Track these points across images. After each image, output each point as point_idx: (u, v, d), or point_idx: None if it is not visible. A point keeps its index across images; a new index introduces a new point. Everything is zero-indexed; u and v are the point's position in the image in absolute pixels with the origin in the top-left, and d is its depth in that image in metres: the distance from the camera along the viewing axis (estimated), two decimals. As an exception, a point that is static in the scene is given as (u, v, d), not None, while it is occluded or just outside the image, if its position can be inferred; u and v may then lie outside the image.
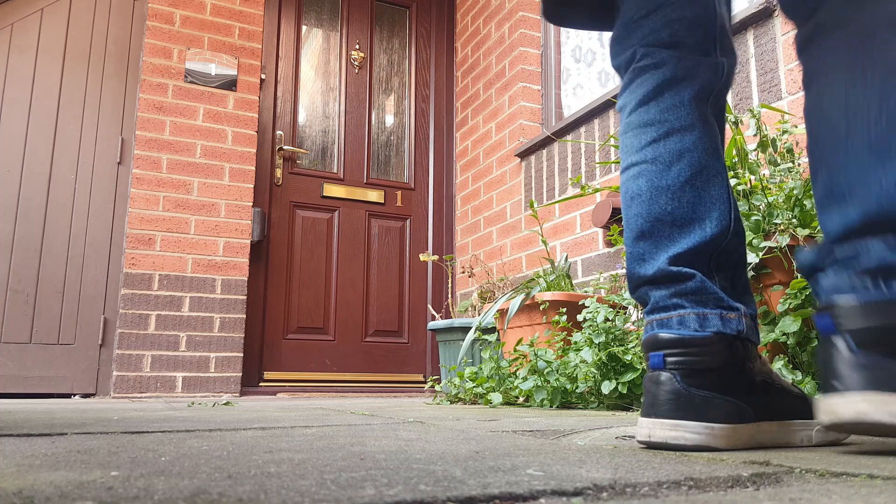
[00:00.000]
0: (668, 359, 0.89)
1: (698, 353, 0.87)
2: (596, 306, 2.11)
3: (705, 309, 0.90)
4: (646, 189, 0.95)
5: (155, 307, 3.27)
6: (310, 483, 0.58)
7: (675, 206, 0.92)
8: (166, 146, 3.42)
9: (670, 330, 0.90)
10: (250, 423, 1.34)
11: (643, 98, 0.99)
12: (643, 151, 0.97)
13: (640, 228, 0.95)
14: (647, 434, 0.88)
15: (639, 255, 0.96)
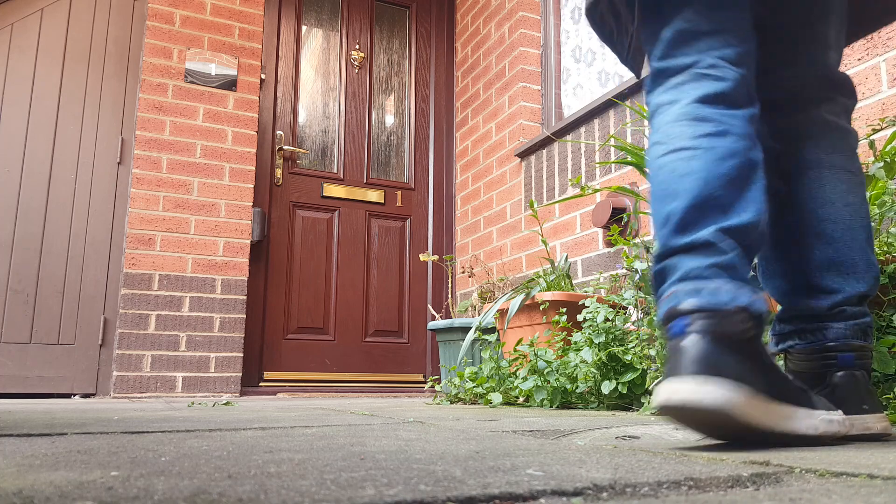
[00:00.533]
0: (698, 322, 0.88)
1: (729, 324, 0.87)
2: (596, 306, 2.11)
3: (739, 283, 0.91)
4: (701, 169, 0.97)
5: (155, 307, 3.27)
6: (310, 483, 0.58)
7: (725, 192, 0.95)
8: (166, 146, 3.42)
9: (701, 297, 0.89)
10: (250, 423, 1.34)
11: (703, 98, 1.02)
12: (699, 140, 0.99)
13: (691, 202, 0.96)
14: (667, 397, 0.84)
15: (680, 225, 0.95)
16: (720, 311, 0.88)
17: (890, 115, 1.79)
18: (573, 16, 3.44)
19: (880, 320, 1.41)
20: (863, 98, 1.87)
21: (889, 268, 1.41)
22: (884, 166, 1.51)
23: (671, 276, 0.95)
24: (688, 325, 0.88)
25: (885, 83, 1.82)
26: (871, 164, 1.55)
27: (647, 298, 1.85)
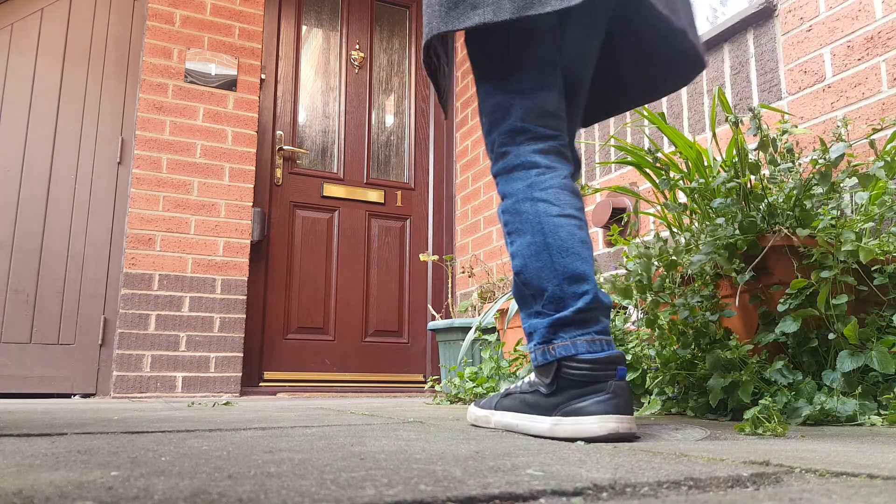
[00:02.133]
0: (622, 371, 1.13)
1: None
2: (596, 306, 2.10)
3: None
4: (587, 239, 1.22)
5: (155, 307, 3.27)
6: (310, 483, 0.57)
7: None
8: (166, 146, 3.42)
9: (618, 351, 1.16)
10: (250, 423, 1.34)
11: (570, 175, 1.27)
12: (581, 213, 1.24)
13: (592, 269, 1.21)
14: (615, 428, 1.07)
15: (592, 283, 1.19)
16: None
17: (890, 115, 1.79)
18: (573, 16, 3.44)
19: (880, 320, 1.41)
20: (863, 98, 1.88)
21: (889, 268, 1.41)
22: (884, 166, 1.51)
23: (594, 325, 1.16)
24: (622, 372, 1.13)
25: (885, 83, 1.82)
26: (871, 163, 1.55)
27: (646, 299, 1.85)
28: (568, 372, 1.13)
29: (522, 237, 1.22)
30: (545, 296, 1.18)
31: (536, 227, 1.20)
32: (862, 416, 1.28)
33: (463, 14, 1.19)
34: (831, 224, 1.42)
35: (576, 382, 1.12)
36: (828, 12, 2.00)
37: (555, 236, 1.18)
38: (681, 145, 1.86)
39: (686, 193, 1.80)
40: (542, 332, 1.18)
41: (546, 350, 1.17)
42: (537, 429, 1.14)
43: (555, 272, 1.18)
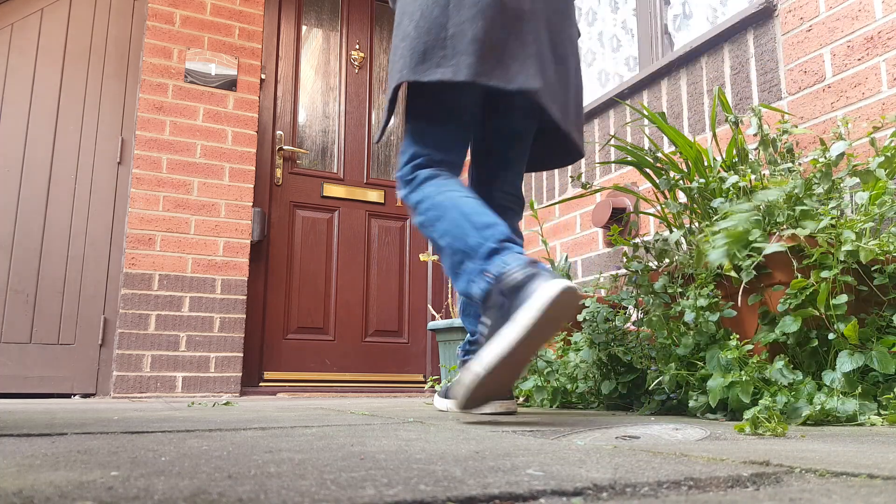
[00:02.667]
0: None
1: None
2: (596, 306, 2.11)
3: None
4: (487, 209, 1.54)
5: (155, 307, 3.27)
6: (310, 483, 0.57)
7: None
8: (166, 146, 3.42)
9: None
10: (250, 423, 1.34)
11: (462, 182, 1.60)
12: (479, 199, 1.54)
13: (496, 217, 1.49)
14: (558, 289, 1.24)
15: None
16: None
17: (890, 114, 1.79)
18: (573, 16, 3.44)
19: (880, 320, 1.41)
20: (863, 98, 1.88)
21: (889, 268, 1.41)
22: (883, 163, 1.51)
23: (507, 250, 1.35)
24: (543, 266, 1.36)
25: (885, 83, 1.82)
26: (871, 162, 1.55)
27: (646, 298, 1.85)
28: (507, 282, 1.29)
29: (444, 220, 1.44)
30: (464, 250, 1.39)
31: (453, 207, 1.45)
32: (862, 416, 1.28)
33: (429, 69, 1.46)
34: (831, 224, 1.42)
35: (515, 287, 1.27)
36: (828, 12, 2.00)
37: (467, 207, 1.44)
38: (681, 145, 1.86)
39: (686, 193, 1.80)
40: (476, 268, 1.37)
41: (484, 276, 1.36)
42: (506, 340, 1.24)
43: (474, 226, 1.40)
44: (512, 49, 1.49)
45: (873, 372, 1.35)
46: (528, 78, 1.48)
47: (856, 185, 1.69)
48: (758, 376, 1.41)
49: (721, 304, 1.60)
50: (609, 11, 3.16)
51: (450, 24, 1.47)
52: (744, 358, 1.46)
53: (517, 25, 1.50)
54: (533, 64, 1.50)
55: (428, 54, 1.47)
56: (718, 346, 1.53)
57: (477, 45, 1.45)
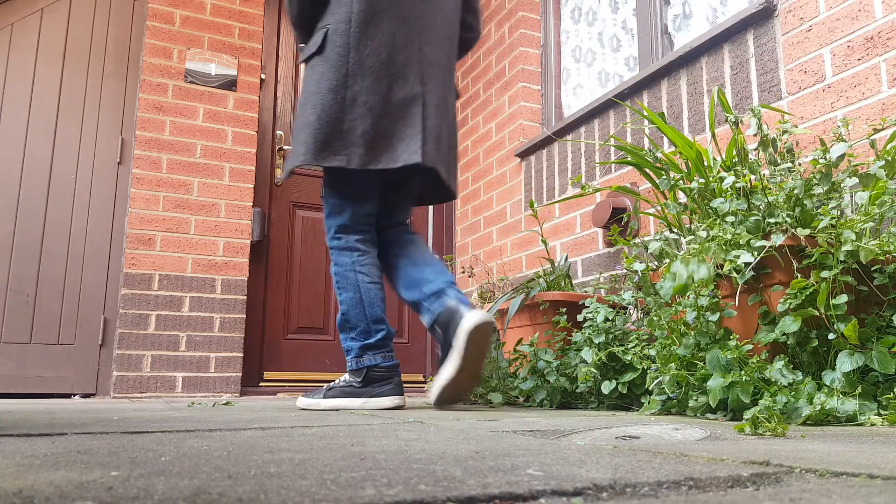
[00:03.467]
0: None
1: None
2: (596, 306, 2.11)
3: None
4: (384, 296, 2.08)
5: (155, 307, 3.27)
6: (310, 483, 0.58)
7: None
8: (166, 146, 3.42)
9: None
10: (250, 423, 1.34)
11: (376, 254, 2.14)
12: (381, 279, 2.12)
13: (385, 313, 2.05)
14: (398, 402, 1.99)
15: (388, 325, 2.04)
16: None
17: (890, 115, 1.79)
18: (573, 16, 3.44)
19: (880, 320, 1.41)
20: (863, 98, 1.88)
21: (889, 268, 1.41)
22: (884, 165, 1.51)
23: (386, 348, 2.00)
24: (399, 373, 2.05)
25: (885, 83, 1.82)
26: (871, 163, 1.55)
27: (646, 299, 1.85)
28: (373, 373, 1.97)
29: (347, 293, 1.99)
30: (358, 329, 1.98)
31: (356, 288, 1.98)
32: (862, 416, 1.28)
33: (328, 157, 1.88)
34: (831, 224, 1.42)
35: (376, 379, 1.97)
36: (828, 12, 2.00)
37: (367, 295, 1.98)
38: (681, 145, 1.86)
39: (686, 193, 1.80)
40: (356, 350, 1.98)
41: (359, 361, 1.98)
42: (354, 404, 1.95)
43: (365, 316, 1.97)
44: (400, 131, 1.91)
45: (873, 372, 1.35)
46: (412, 154, 1.89)
47: (856, 186, 1.69)
48: (758, 376, 1.41)
49: (721, 304, 1.60)
50: (609, 11, 3.16)
51: (345, 120, 1.88)
52: (744, 358, 1.46)
53: (405, 110, 1.92)
54: (418, 140, 1.90)
55: (328, 144, 1.87)
56: (718, 346, 1.53)
57: (366, 138, 1.88)
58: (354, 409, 1.92)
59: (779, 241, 1.45)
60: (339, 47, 1.92)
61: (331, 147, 1.88)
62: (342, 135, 1.87)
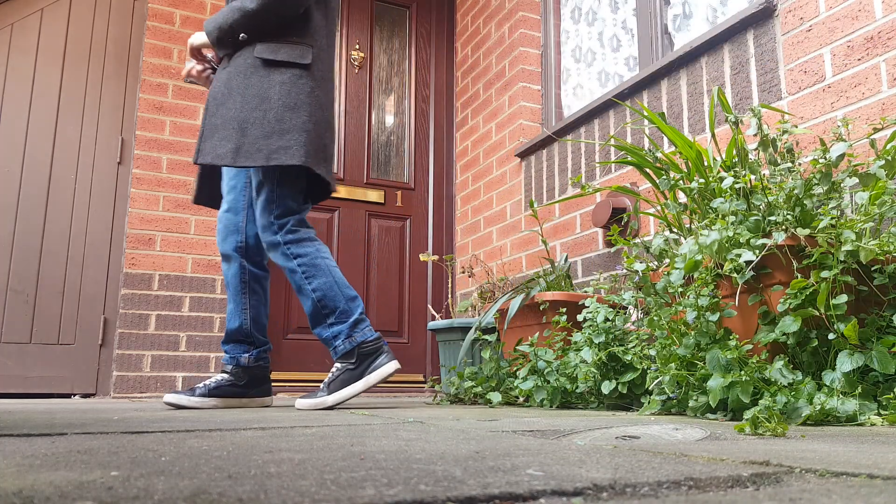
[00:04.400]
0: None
1: None
2: (596, 306, 2.11)
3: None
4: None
5: (155, 307, 3.27)
6: (310, 483, 0.58)
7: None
8: (166, 146, 3.42)
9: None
10: (250, 423, 1.34)
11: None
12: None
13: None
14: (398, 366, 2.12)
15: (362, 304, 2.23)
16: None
17: (890, 115, 1.79)
18: (573, 16, 3.44)
19: (880, 320, 1.41)
20: (863, 98, 1.88)
21: (889, 268, 1.41)
22: (884, 165, 1.51)
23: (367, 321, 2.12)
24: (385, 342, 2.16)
25: (885, 83, 1.82)
26: (871, 163, 1.55)
27: (646, 299, 1.85)
28: (363, 349, 2.07)
29: (319, 279, 2.08)
30: (338, 311, 2.08)
31: (327, 273, 2.09)
32: (862, 416, 1.28)
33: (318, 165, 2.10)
34: (831, 224, 1.42)
35: (368, 353, 2.08)
36: (828, 12, 2.00)
37: (338, 277, 2.11)
38: (681, 145, 1.86)
39: (686, 193, 1.80)
40: (346, 331, 2.08)
41: (351, 340, 2.07)
42: (358, 388, 2.05)
43: (342, 297, 2.09)
44: (331, 156, 2.23)
45: (873, 372, 1.35)
46: (335, 179, 2.26)
47: (856, 186, 1.69)
48: (758, 376, 1.41)
49: (721, 304, 1.60)
50: (609, 11, 3.16)
51: (325, 138, 2.15)
52: (744, 358, 1.46)
53: (334, 143, 2.26)
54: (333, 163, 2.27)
55: (318, 155, 2.10)
56: (718, 346, 1.53)
57: (332, 160, 2.21)
58: (360, 392, 2.05)
59: (780, 240, 1.45)
60: (324, 72, 2.17)
61: (320, 158, 2.12)
62: (323, 149, 2.14)
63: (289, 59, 2.11)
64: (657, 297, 1.78)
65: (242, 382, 2.19)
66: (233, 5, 2.10)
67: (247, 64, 2.10)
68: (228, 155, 2.02)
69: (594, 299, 2.16)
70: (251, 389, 2.22)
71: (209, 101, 2.12)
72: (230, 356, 2.23)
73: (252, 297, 2.25)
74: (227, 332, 2.25)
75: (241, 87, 2.08)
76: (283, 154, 2.03)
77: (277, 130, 2.05)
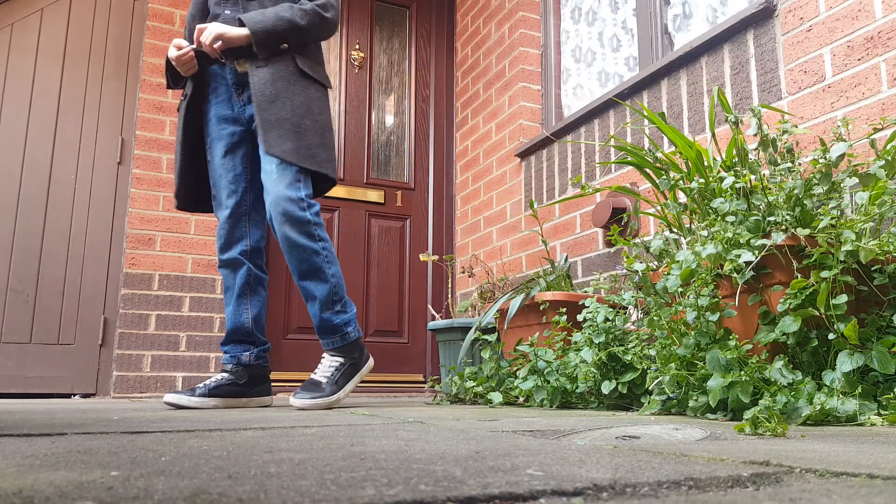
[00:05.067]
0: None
1: None
2: (596, 306, 2.11)
3: None
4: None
5: (155, 307, 3.27)
6: (310, 483, 0.58)
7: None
8: (166, 146, 3.42)
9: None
10: (250, 423, 1.34)
11: None
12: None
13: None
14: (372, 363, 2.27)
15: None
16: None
17: (890, 115, 1.79)
18: (573, 16, 3.44)
19: (880, 320, 1.41)
20: (863, 98, 1.88)
21: (889, 268, 1.41)
22: (884, 165, 1.51)
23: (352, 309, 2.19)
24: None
25: (885, 83, 1.82)
26: (871, 163, 1.55)
27: (646, 299, 1.85)
28: (362, 343, 2.21)
29: (336, 266, 2.15)
30: (344, 301, 2.16)
31: (336, 260, 2.17)
32: (862, 416, 1.28)
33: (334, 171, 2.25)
34: (831, 224, 1.42)
35: (360, 347, 2.20)
36: (828, 12, 2.00)
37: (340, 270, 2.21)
38: (681, 145, 1.86)
39: (686, 193, 1.80)
40: (353, 321, 2.17)
41: (357, 329, 2.18)
42: (356, 380, 2.16)
43: (344, 286, 2.18)
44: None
45: (873, 372, 1.35)
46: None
47: (856, 186, 1.69)
48: (758, 376, 1.41)
49: (721, 304, 1.60)
50: (609, 11, 3.16)
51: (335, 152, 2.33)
52: (744, 358, 1.46)
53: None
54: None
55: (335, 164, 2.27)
56: (718, 346, 1.53)
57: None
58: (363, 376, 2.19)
59: (779, 240, 1.45)
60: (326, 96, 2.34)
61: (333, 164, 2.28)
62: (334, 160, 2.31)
63: (319, 79, 2.26)
64: (657, 297, 1.78)
65: (243, 381, 2.20)
66: (281, 15, 2.16)
67: (289, 71, 2.18)
68: (292, 152, 2.10)
69: (594, 299, 2.16)
70: (251, 388, 2.23)
71: (257, 96, 2.13)
72: (230, 355, 2.24)
73: (253, 298, 2.26)
74: (228, 333, 2.25)
75: (286, 91, 2.15)
76: (329, 167, 2.20)
77: (321, 143, 2.19)
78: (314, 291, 2.11)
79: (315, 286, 2.11)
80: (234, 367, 2.21)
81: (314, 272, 2.10)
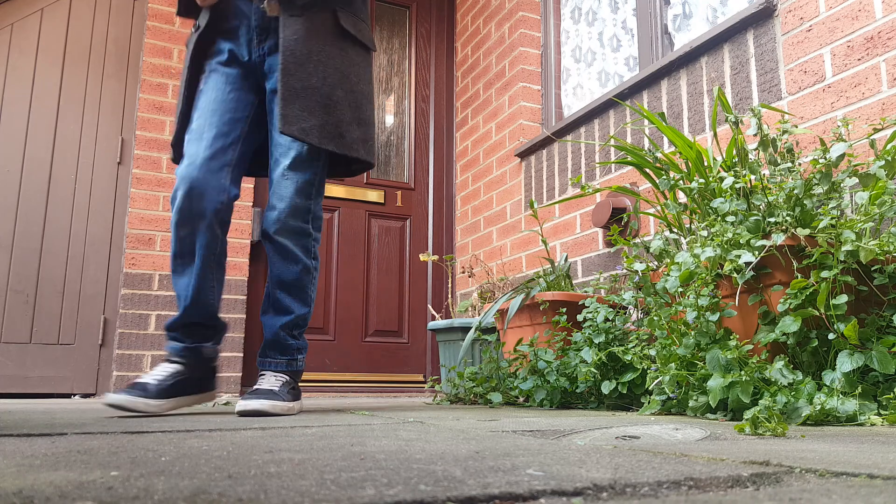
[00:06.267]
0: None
1: None
2: (596, 306, 2.11)
3: None
4: None
5: (155, 307, 3.27)
6: (310, 483, 0.58)
7: None
8: (166, 146, 3.42)
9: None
10: (250, 423, 1.34)
11: None
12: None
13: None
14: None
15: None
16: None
17: (890, 115, 1.79)
18: (573, 16, 3.44)
19: (880, 320, 1.41)
20: (863, 98, 1.88)
21: (889, 268, 1.41)
22: (884, 165, 1.51)
23: (306, 343, 1.98)
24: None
25: (885, 83, 1.82)
26: (871, 163, 1.55)
27: (646, 299, 1.85)
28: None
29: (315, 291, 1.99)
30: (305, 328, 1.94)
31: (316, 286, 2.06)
32: (862, 416, 1.28)
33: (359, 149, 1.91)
34: (831, 224, 1.42)
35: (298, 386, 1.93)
36: (828, 12, 2.00)
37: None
38: (681, 145, 1.86)
39: (686, 193, 1.80)
40: (305, 351, 1.95)
41: (304, 363, 1.94)
42: (300, 406, 1.85)
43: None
44: None
45: (873, 372, 1.35)
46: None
47: (856, 186, 1.69)
48: (758, 376, 1.41)
49: (721, 304, 1.60)
50: (609, 11, 3.16)
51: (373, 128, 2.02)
52: (744, 358, 1.46)
53: None
54: None
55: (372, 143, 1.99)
56: (718, 346, 1.53)
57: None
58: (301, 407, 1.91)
59: (779, 241, 1.45)
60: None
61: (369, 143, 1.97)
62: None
63: (363, 41, 1.94)
64: (657, 297, 1.78)
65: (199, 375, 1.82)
66: None
67: (325, 28, 1.84)
68: (314, 131, 1.78)
69: (594, 299, 2.16)
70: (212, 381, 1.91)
71: (286, 54, 1.78)
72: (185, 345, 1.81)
73: (218, 273, 1.84)
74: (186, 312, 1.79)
75: (319, 52, 1.82)
76: (362, 147, 1.87)
77: (356, 119, 1.86)
78: (291, 308, 1.86)
79: (293, 303, 1.87)
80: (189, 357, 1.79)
81: (298, 289, 1.87)
